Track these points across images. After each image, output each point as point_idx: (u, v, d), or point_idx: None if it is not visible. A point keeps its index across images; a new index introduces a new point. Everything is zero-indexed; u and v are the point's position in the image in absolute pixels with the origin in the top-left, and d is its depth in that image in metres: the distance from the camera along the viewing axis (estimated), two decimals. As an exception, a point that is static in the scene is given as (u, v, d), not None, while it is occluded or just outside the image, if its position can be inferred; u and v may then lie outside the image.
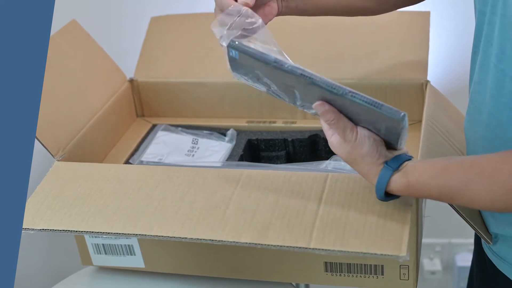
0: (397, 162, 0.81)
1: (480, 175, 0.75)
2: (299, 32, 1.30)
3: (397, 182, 0.80)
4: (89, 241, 1.10)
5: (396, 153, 0.83)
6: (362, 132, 0.82)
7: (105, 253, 1.11)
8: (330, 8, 1.00)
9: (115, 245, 1.09)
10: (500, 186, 0.73)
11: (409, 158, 0.82)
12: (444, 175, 0.77)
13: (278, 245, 0.82)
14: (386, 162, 0.81)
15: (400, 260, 0.78)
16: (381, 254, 0.78)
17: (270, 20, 0.97)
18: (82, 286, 1.14)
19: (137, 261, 1.10)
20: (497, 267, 0.91)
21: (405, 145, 1.13)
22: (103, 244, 1.10)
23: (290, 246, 0.82)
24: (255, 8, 0.92)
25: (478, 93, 0.85)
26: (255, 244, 0.83)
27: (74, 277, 1.17)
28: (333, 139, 0.84)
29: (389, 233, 0.81)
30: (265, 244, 0.82)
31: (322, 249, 0.81)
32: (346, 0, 1.00)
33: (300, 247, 0.81)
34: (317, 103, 0.82)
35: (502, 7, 0.76)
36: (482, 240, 0.94)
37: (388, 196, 0.83)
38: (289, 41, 1.29)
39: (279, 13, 0.98)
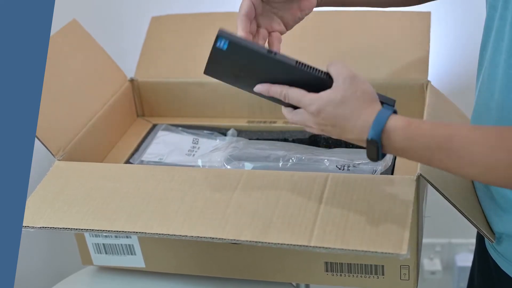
0: (392, 108, 0.78)
1: (484, 137, 0.71)
2: (299, 31, 1.30)
3: (397, 120, 0.76)
4: (90, 240, 1.10)
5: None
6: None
7: (106, 253, 1.11)
8: None
9: (115, 244, 1.09)
10: (503, 152, 0.70)
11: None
12: (448, 127, 0.74)
13: (278, 243, 0.82)
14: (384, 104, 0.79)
15: (401, 258, 0.78)
16: (382, 253, 0.78)
17: (307, 14, 0.93)
18: (82, 286, 1.14)
19: (137, 261, 1.10)
20: (501, 267, 0.90)
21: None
22: (103, 244, 1.10)
23: (291, 244, 0.82)
24: (290, 2, 0.90)
25: (486, 88, 0.84)
26: (256, 242, 0.83)
27: (74, 277, 1.17)
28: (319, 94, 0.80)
29: (390, 231, 0.81)
30: (266, 242, 0.82)
31: (323, 247, 0.81)
32: None
33: (300, 245, 0.81)
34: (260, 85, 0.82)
35: None
36: (485, 240, 0.93)
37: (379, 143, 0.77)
38: (289, 41, 1.29)
39: (318, 5, 0.94)
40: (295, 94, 0.81)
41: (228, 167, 1.12)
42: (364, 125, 0.77)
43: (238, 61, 0.84)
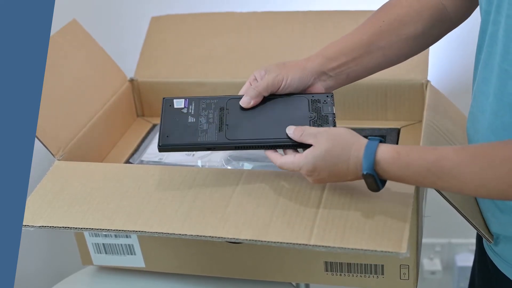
0: (378, 138, 0.82)
1: (472, 158, 0.75)
2: (299, 32, 1.30)
3: (386, 152, 0.79)
4: (90, 240, 1.10)
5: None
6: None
7: (106, 253, 1.11)
8: (381, 62, 0.95)
9: (115, 244, 1.09)
10: (490, 172, 0.73)
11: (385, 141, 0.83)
12: (435, 152, 0.77)
13: (278, 242, 0.82)
14: (368, 137, 0.82)
15: (401, 257, 0.78)
16: (382, 251, 0.78)
17: None
18: (82, 286, 1.14)
19: (137, 261, 1.10)
20: (499, 267, 0.91)
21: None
22: (103, 244, 1.10)
23: (290, 243, 0.82)
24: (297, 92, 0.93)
25: (481, 92, 0.84)
26: (255, 240, 0.83)
27: (74, 277, 1.17)
28: (306, 152, 0.84)
29: (389, 230, 0.81)
30: (265, 241, 0.82)
31: (322, 246, 0.81)
32: (393, 49, 0.95)
33: (300, 244, 0.81)
34: (293, 128, 0.87)
35: (507, 7, 0.76)
36: (484, 241, 0.94)
37: (373, 178, 0.81)
38: (289, 42, 1.29)
39: (326, 91, 0.95)
40: (288, 162, 0.86)
41: (228, 167, 1.12)
42: (357, 162, 0.81)
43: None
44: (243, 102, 0.92)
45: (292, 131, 0.87)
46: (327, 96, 0.91)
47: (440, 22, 0.94)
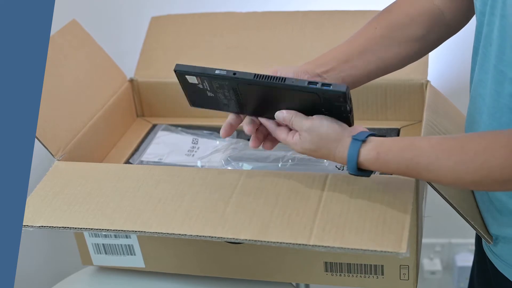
0: (363, 135, 0.83)
1: (447, 153, 0.76)
2: (299, 32, 1.30)
3: (367, 154, 0.82)
4: (89, 240, 1.10)
5: (358, 128, 0.85)
6: (314, 116, 0.86)
7: (105, 253, 1.11)
8: (377, 67, 0.95)
9: (115, 245, 1.09)
10: (465, 165, 0.75)
11: (374, 133, 0.84)
12: (412, 149, 0.79)
13: (278, 242, 0.82)
14: (352, 136, 0.83)
15: (400, 257, 0.78)
16: (381, 251, 0.78)
17: None
18: (82, 286, 1.14)
19: (137, 261, 1.10)
20: (498, 268, 0.91)
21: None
22: (103, 244, 1.10)
23: (290, 243, 0.82)
24: None
25: (478, 94, 0.85)
26: (255, 240, 0.83)
27: (74, 277, 1.17)
28: (295, 138, 0.87)
29: (389, 230, 0.81)
30: (265, 241, 0.82)
31: (322, 246, 0.81)
32: (389, 53, 0.94)
33: (300, 244, 0.81)
34: (277, 113, 0.87)
35: (501, 7, 0.76)
36: (483, 241, 0.94)
37: (360, 170, 0.84)
38: (289, 42, 1.29)
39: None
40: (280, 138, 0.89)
41: (228, 168, 1.12)
42: (342, 160, 0.84)
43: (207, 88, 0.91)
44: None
45: (284, 114, 0.88)
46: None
47: (437, 27, 0.94)
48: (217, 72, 0.88)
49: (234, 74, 0.87)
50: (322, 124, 0.85)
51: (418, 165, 0.78)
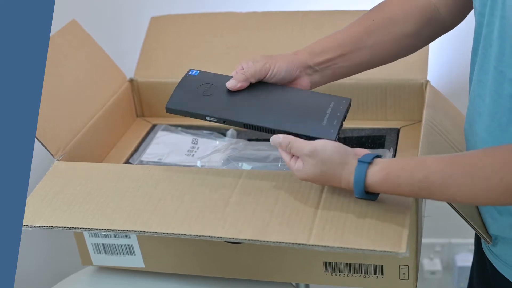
0: (369, 157, 0.82)
1: (462, 170, 0.75)
2: (299, 32, 1.30)
3: (374, 176, 0.80)
4: (89, 241, 1.10)
5: (362, 151, 0.84)
6: (316, 141, 0.85)
7: (105, 253, 1.11)
8: (369, 60, 0.96)
9: (115, 245, 1.09)
10: (482, 182, 0.74)
11: (379, 155, 0.83)
12: (424, 168, 0.78)
13: (277, 242, 0.82)
14: (358, 159, 0.82)
15: (400, 257, 0.78)
16: (381, 251, 0.78)
17: None
18: (82, 286, 1.14)
19: (137, 261, 1.10)
20: (497, 268, 0.91)
21: (406, 146, 1.14)
22: (103, 244, 1.10)
23: (289, 243, 0.82)
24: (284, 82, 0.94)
25: (477, 95, 0.84)
26: (255, 240, 0.83)
27: (74, 277, 1.17)
28: (298, 164, 0.85)
29: (389, 230, 0.81)
30: (265, 241, 0.82)
31: (322, 246, 0.81)
32: (382, 47, 0.95)
33: (299, 244, 0.81)
34: (272, 137, 0.88)
35: (501, 8, 0.76)
36: (482, 241, 0.94)
37: (367, 194, 0.83)
38: (289, 42, 1.29)
39: (312, 87, 0.96)
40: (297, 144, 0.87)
41: (227, 168, 1.12)
42: (348, 184, 0.83)
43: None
44: (230, 84, 0.93)
45: (281, 139, 0.87)
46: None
47: (431, 23, 0.94)
48: (207, 118, 0.91)
49: (224, 122, 0.90)
50: (325, 148, 0.83)
51: (432, 184, 0.77)
